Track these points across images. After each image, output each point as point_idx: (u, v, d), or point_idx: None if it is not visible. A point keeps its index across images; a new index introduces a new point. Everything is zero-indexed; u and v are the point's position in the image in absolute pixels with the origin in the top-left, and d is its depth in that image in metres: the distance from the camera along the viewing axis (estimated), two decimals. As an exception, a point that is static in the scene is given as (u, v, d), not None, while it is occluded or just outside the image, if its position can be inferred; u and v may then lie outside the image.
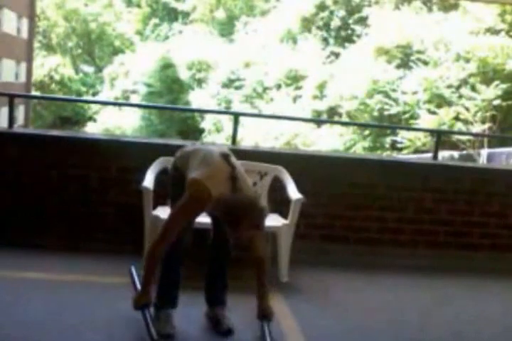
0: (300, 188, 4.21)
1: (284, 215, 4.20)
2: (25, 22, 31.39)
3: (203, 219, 3.23)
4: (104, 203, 4.54)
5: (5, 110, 5.52)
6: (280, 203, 4.33)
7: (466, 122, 19.54)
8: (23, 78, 31.20)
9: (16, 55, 30.12)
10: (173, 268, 3.22)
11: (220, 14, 37.79)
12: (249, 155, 4.59)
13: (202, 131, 28.75)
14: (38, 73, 34.33)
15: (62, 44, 40.45)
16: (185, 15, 39.27)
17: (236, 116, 5.26)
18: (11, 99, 4.87)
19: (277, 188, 4.40)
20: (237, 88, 27.97)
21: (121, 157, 4.52)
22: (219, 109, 26.70)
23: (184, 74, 31.09)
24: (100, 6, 41.71)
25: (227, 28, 35.74)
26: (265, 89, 27.22)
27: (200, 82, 30.20)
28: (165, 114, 29.55)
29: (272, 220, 4.24)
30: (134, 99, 30.63)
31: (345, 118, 23.57)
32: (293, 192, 4.19)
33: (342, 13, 29.86)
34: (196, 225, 3.26)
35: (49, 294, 3.58)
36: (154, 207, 4.04)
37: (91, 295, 3.60)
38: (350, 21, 29.29)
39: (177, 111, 29.98)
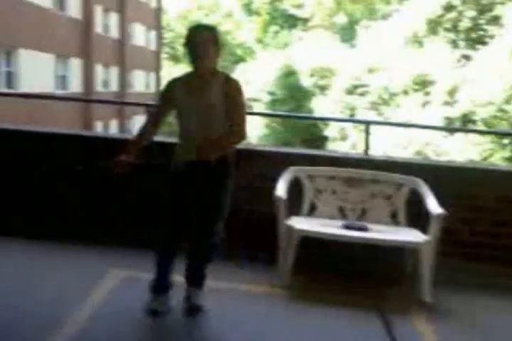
0: (439, 201, 3.93)
1: (424, 230, 3.89)
2: (153, 34, 32.85)
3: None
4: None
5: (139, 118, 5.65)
6: (418, 217, 4.03)
7: None
8: (152, 88, 32.60)
9: (145, 66, 31.56)
10: (168, 254, 3.32)
11: (340, 19, 37.36)
12: (382, 166, 4.36)
13: (325, 138, 28.46)
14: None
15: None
16: (305, 21, 39.24)
17: (367, 125, 5.01)
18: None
19: (414, 201, 4.10)
20: (361, 94, 27.34)
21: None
22: (343, 116, 26.20)
23: (306, 82, 30.98)
24: (220, 15, 42.76)
25: (348, 33, 35.23)
26: (391, 95, 26.41)
27: (322, 88, 29.93)
28: (288, 122, 29.58)
29: (412, 236, 3.95)
30: (257, 107, 30.81)
31: (480, 126, 22.14)
32: (433, 206, 3.90)
33: (471, 13, 28.42)
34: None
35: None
36: (287, 217, 4.00)
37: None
38: (482, 21, 27.80)
39: (302, 119, 29.73)
